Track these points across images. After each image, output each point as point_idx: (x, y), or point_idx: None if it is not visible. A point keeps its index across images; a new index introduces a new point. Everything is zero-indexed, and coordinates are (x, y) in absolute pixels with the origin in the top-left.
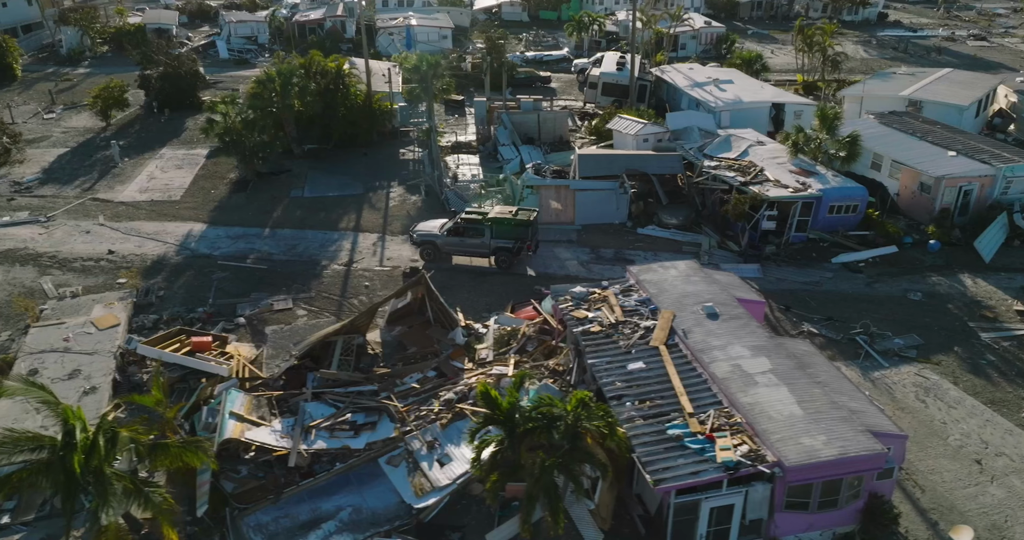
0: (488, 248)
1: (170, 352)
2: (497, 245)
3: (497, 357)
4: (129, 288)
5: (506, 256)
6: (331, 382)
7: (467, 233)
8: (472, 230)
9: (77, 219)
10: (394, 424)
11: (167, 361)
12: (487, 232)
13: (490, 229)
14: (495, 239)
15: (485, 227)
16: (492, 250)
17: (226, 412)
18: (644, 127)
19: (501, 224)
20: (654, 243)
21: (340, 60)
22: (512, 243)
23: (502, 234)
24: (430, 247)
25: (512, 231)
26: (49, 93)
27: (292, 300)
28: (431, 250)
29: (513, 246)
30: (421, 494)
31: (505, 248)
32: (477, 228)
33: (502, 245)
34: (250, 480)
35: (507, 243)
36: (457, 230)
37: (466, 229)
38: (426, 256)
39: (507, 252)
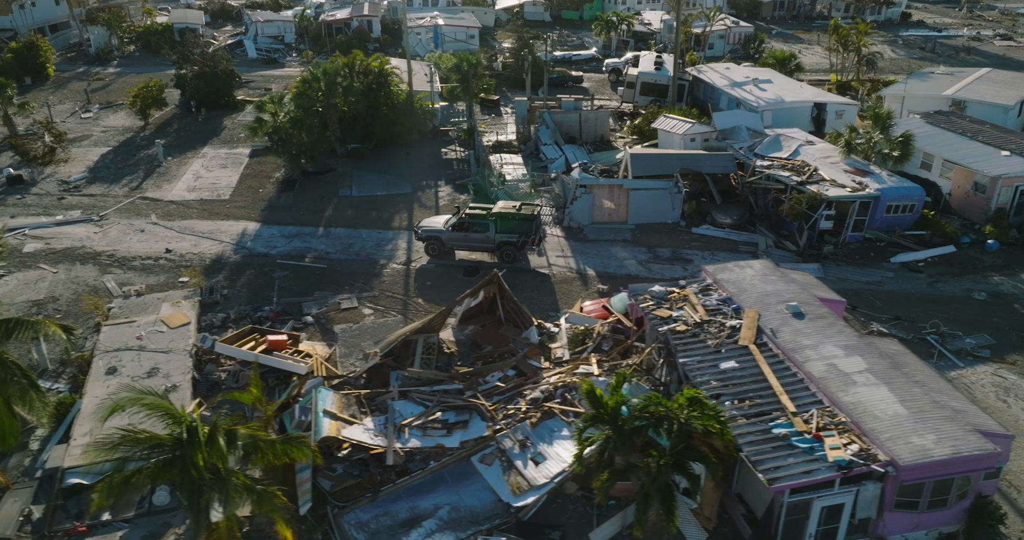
0: (492, 243)
1: (247, 350)
2: (501, 240)
3: (573, 356)
4: (193, 287)
5: (510, 250)
6: (415, 381)
7: (472, 228)
8: (477, 225)
9: (129, 218)
10: (486, 423)
11: (246, 360)
12: (491, 227)
13: (494, 224)
14: (499, 234)
15: (489, 222)
16: (496, 244)
17: (319, 410)
18: (693, 126)
19: (505, 219)
20: (709, 243)
21: (382, 59)
22: (516, 237)
23: (506, 229)
24: (435, 242)
25: (516, 225)
26: (85, 92)
27: (356, 299)
28: (436, 245)
29: (517, 240)
30: (519, 493)
31: (509, 242)
32: (482, 223)
33: (506, 239)
34: (346, 478)
35: (511, 237)
36: (462, 225)
37: (471, 224)
38: (431, 251)
39: (511, 246)
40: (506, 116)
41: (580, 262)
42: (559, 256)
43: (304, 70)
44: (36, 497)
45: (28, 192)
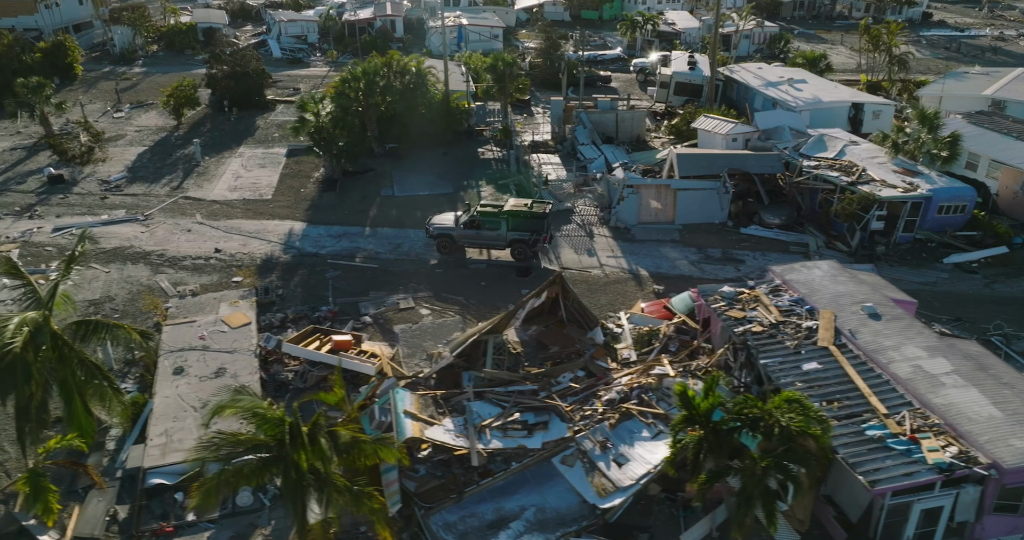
0: (504, 240)
1: (314, 351)
2: (513, 237)
3: (640, 357)
4: (247, 287)
5: (522, 248)
6: (487, 381)
7: (483, 226)
8: (489, 222)
9: (174, 217)
10: (566, 424)
11: (312, 359)
12: (503, 224)
13: (506, 221)
14: (511, 231)
15: (501, 220)
16: (508, 242)
17: (399, 411)
18: (736, 126)
19: (517, 216)
20: (759, 243)
21: (419, 59)
22: (528, 235)
23: (518, 226)
24: (446, 240)
25: (528, 223)
26: (115, 92)
27: (412, 299)
28: (447, 243)
29: (529, 238)
30: (604, 494)
31: (521, 240)
32: (494, 221)
33: (518, 237)
34: (430, 479)
35: (523, 235)
36: (473, 223)
37: (482, 222)
38: (442, 249)
39: (523, 244)
40: (538, 116)
41: (631, 262)
42: (610, 256)
43: (330, 69)
44: (119, 497)
45: (70, 192)
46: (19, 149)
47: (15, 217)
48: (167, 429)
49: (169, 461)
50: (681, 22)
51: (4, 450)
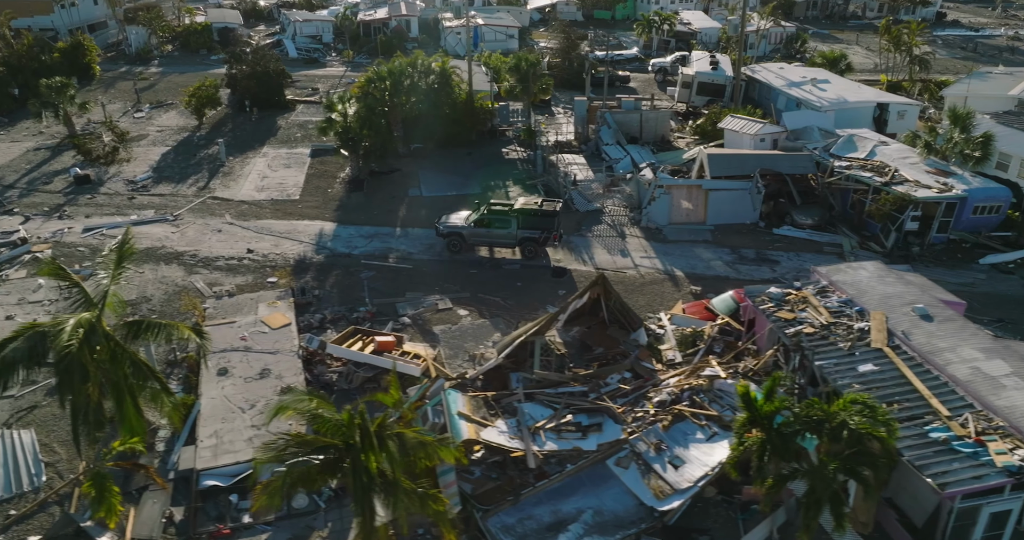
0: (514, 239)
1: (358, 352)
2: (523, 236)
3: (685, 358)
4: (283, 288)
5: (532, 246)
6: (536, 382)
7: (493, 224)
8: (499, 221)
9: (204, 218)
10: (620, 426)
11: (356, 361)
12: (513, 223)
13: (517, 220)
14: (521, 230)
15: (512, 218)
16: (518, 240)
17: (452, 412)
18: (764, 127)
19: (528, 215)
20: (792, 244)
21: (444, 59)
22: (539, 233)
23: (528, 225)
24: (456, 238)
25: (538, 221)
26: (135, 92)
27: (449, 300)
28: (457, 241)
29: (539, 236)
30: (662, 497)
31: (531, 239)
32: (504, 219)
33: (528, 235)
34: (486, 481)
35: (533, 233)
36: (483, 221)
37: (492, 220)
38: (452, 247)
39: (533, 242)
40: (559, 115)
41: (666, 263)
42: (643, 257)
43: (347, 69)
44: (173, 498)
45: (97, 192)
46: (43, 149)
47: (45, 217)
48: (216, 430)
49: (221, 463)
50: (697, 22)
51: (54, 452)
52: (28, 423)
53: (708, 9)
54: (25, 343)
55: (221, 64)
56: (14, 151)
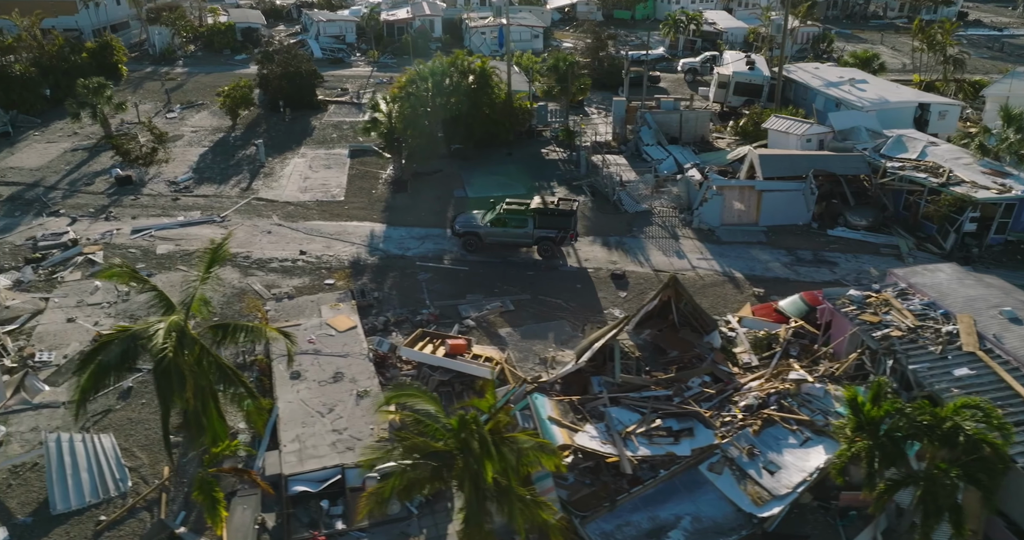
0: (531, 238)
1: (431, 355)
2: (540, 235)
3: (762, 361)
4: (342, 289)
5: (549, 245)
6: (617, 387)
7: (510, 224)
8: (515, 220)
9: (251, 219)
10: (711, 430)
11: (430, 364)
12: (530, 222)
13: (533, 219)
14: (538, 229)
15: (528, 217)
16: (535, 240)
17: (543, 417)
18: (811, 127)
19: (545, 214)
20: (847, 245)
21: (484, 59)
22: (555, 232)
23: (545, 224)
24: (473, 238)
25: (555, 221)
26: (165, 92)
27: (511, 302)
28: (474, 241)
29: (556, 235)
30: (760, 503)
31: (548, 238)
32: (520, 218)
33: (545, 235)
34: (580, 487)
35: (550, 232)
36: (500, 221)
37: (509, 220)
38: (469, 247)
39: (550, 242)
40: (592, 115)
41: (723, 265)
42: (700, 258)
43: (373, 69)
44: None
45: (140, 193)
46: (80, 150)
47: (91, 219)
48: (298, 435)
49: (308, 468)
50: (722, 22)
51: (135, 456)
52: (104, 427)
53: (730, 9)
54: (118, 347)
55: (246, 64)
56: (51, 152)
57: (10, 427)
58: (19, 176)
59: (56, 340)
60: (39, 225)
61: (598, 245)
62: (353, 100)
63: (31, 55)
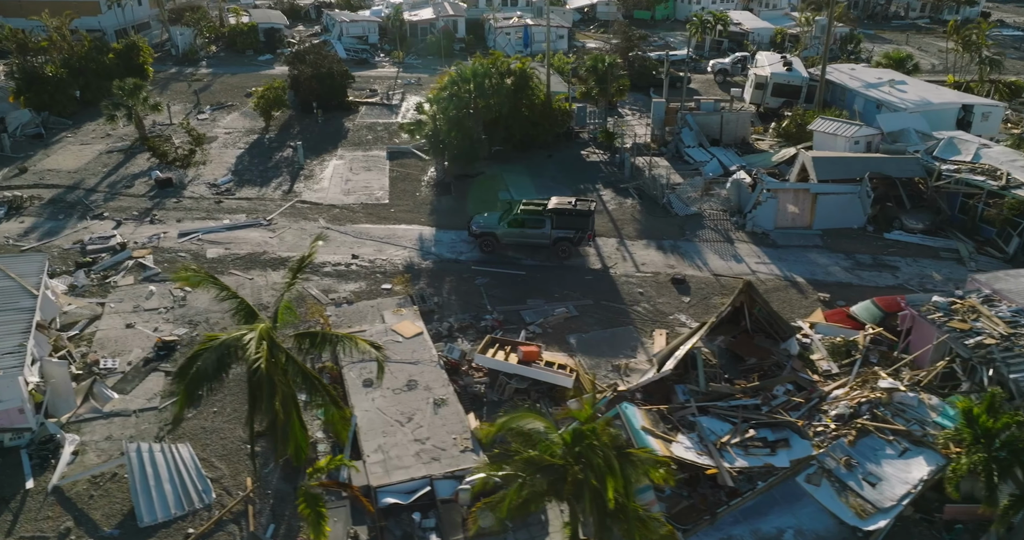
0: (549, 238)
1: (506, 362)
2: (558, 236)
3: (843, 369)
4: (400, 295)
5: (567, 246)
6: (703, 395)
7: (527, 224)
8: (533, 221)
9: (297, 222)
10: (807, 441)
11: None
12: (547, 223)
13: (551, 220)
14: (555, 229)
15: (546, 218)
16: (553, 240)
17: (636, 427)
18: (860, 129)
19: (562, 214)
20: (905, 249)
21: (523, 60)
22: (573, 233)
23: (563, 224)
24: (490, 238)
25: (573, 221)
26: (193, 93)
27: (573, 307)
28: (491, 241)
29: (574, 236)
30: (864, 516)
31: (565, 238)
32: (538, 219)
33: (563, 236)
34: (679, 499)
35: (568, 233)
36: (517, 221)
37: (526, 220)
38: (485, 248)
39: (568, 242)
40: (627, 116)
41: (783, 269)
42: (758, 262)
43: (399, 70)
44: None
45: (182, 196)
46: (115, 152)
47: (136, 222)
48: (380, 445)
49: (395, 479)
50: (747, 22)
51: (215, 467)
52: (178, 436)
53: (750, 8)
54: (211, 356)
55: (270, 65)
56: (87, 154)
57: (84, 436)
58: (58, 178)
59: (118, 346)
60: (84, 228)
61: (653, 249)
62: (383, 101)
63: (61, 56)
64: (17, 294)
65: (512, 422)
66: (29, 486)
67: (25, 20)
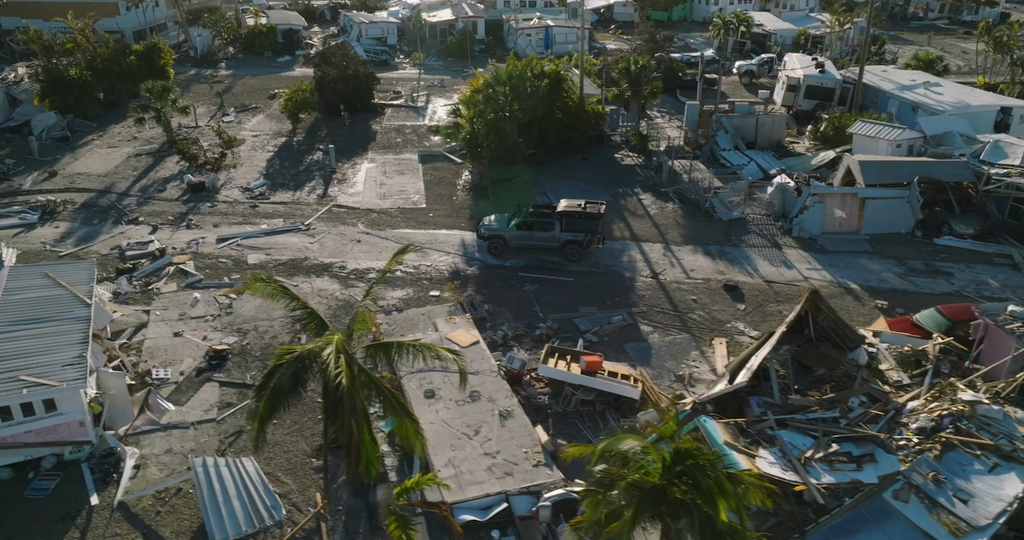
0: (558, 241)
1: (571, 373)
2: (567, 238)
3: (913, 379)
4: (451, 302)
5: (576, 249)
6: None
7: (536, 227)
8: (542, 224)
9: (335, 226)
10: (894, 455)
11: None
12: (557, 225)
13: (560, 222)
14: (565, 232)
15: (555, 221)
16: (562, 243)
17: (719, 442)
18: (903, 132)
19: (571, 217)
20: (957, 254)
21: (557, 62)
22: (582, 236)
23: (572, 227)
24: (498, 241)
25: (582, 224)
26: (216, 95)
27: (627, 315)
28: (499, 244)
29: (583, 239)
30: (959, 535)
31: (575, 241)
32: (547, 222)
33: (572, 238)
34: (766, 516)
35: (577, 236)
36: (526, 224)
37: (535, 223)
38: (494, 251)
39: (577, 245)
40: (657, 119)
41: (835, 275)
42: (809, 269)
43: (421, 71)
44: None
45: (216, 200)
46: (143, 155)
47: (172, 227)
48: (450, 459)
49: (470, 495)
50: (769, 23)
51: (281, 482)
52: (239, 450)
53: (766, 9)
54: (288, 370)
55: (290, 67)
56: (115, 157)
57: (143, 449)
58: (88, 182)
59: (168, 356)
60: (120, 234)
61: (700, 254)
62: (409, 103)
63: (85, 58)
64: (70, 303)
65: (612, 445)
66: (94, 502)
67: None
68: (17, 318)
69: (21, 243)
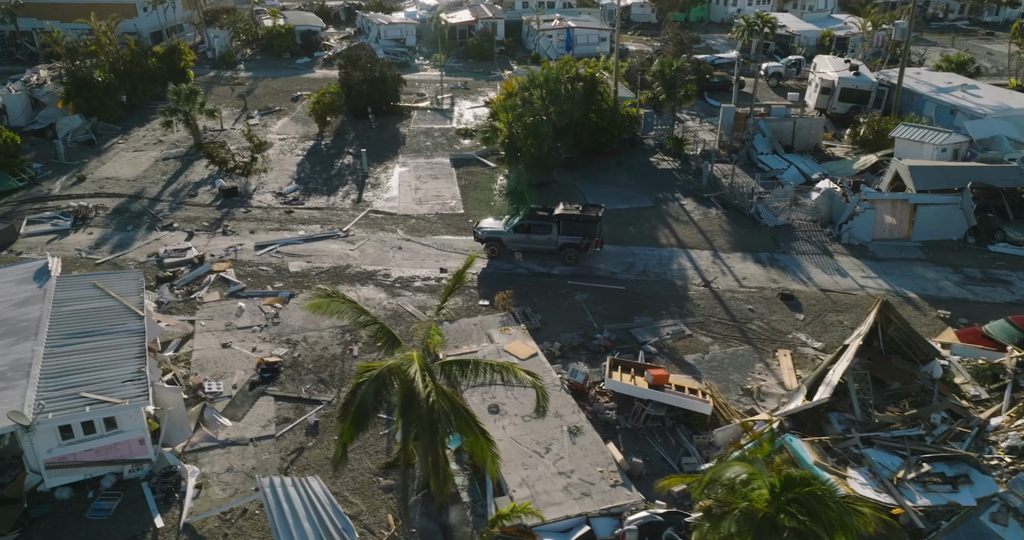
0: (555, 244)
1: (640, 387)
2: (564, 242)
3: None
4: (503, 312)
5: (573, 252)
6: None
7: (534, 230)
8: (539, 226)
9: (375, 233)
10: (989, 476)
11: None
12: (554, 228)
13: (558, 225)
14: (562, 235)
15: (553, 224)
16: (559, 246)
17: (808, 463)
18: (949, 136)
19: (569, 220)
20: (1013, 262)
21: (591, 64)
22: (580, 239)
23: (569, 230)
24: (496, 244)
25: (580, 227)
26: (240, 98)
27: (685, 325)
28: (497, 247)
29: (581, 242)
30: None
31: (572, 244)
32: (544, 224)
33: (569, 241)
34: None
35: (575, 239)
36: (524, 227)
37: (533, 225)
38: (491, 253)
39: (574, 248)
40: (687, 121)
41: (891, 283)
42: (864, 277)
43: (442, 73)
44: None
45: (250, 205)
46: (171, 159)
47: (208, 233)
48: (524, 479)
49: (550, 518)
50: (792, 24)
51: (349, 502)
52: (302, 468)
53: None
54: (370, 389)
55: (310, 68)
56: (143, 161)
57: (203, 467)
58: (118, 187)
59: (217, 368)
60: (156, 240)
61: (750, 262)
62: (434, 106)
63: (108, 60)
64: (123, 315)
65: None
66: (159, 524)
67: (60, 23)
68: (70, 331)
69: (56, 250)
